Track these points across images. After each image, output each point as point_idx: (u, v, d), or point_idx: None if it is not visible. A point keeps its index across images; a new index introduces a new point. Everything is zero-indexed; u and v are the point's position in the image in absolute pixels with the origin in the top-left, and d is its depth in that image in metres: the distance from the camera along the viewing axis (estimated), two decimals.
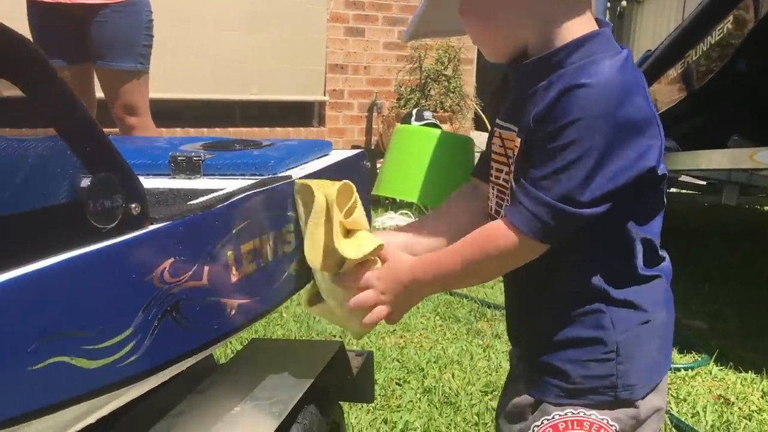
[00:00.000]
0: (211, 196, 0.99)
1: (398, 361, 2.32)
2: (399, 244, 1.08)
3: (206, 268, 0.91)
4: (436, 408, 1.99)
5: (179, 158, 1.20)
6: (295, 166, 1.27)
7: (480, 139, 3.43)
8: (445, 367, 2.26)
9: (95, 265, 0.74)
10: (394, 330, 2.62)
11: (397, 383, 2.16)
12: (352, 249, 1.02)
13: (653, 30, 7.63)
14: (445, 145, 4.48)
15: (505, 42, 0.98)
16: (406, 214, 4.36)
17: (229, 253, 0.96)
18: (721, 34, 3.02)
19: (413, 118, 5.22)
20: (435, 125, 5.23)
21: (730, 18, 2.90)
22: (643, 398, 0.99)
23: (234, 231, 0.98)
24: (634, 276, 0.98)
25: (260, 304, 1.05)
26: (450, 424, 1.90)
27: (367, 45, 6.21)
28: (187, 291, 0.87)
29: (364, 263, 1.04)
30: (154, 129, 3.37)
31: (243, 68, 5.71)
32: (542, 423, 1.00)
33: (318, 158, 1.39)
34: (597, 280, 0.97)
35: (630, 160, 0.87)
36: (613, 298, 0.97)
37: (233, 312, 0.97)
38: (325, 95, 6.14)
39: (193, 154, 1.21)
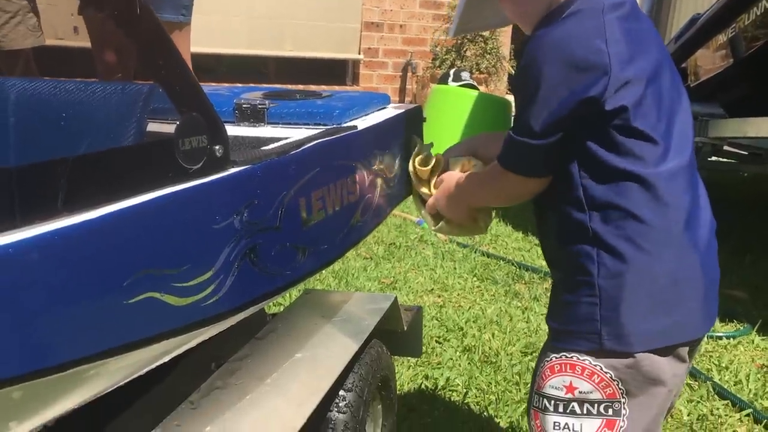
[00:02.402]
0: (284, 142, 0.99)
1: (437, 319, 2.33)
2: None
3: (281, 213, 0.91)
4: (477, 367, 2.01)
5: (244, 105, 1.20)
6: (357, 117, 1.26)
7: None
8: (485, 327, 2.27)
9: (183, 205, 0.75)
10: (432, 289, 2.63)
11: (437, 341, 2.17)
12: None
13: None
14: (483, 106, 4.45)
15: (531, 19, 1.05)
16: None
17: (302, 199, 0.97)
18: None
19: (450, 79, 5.16)
20: (473, 86, 5.17)
21: None
22: (643, 353, 0.96)
23: (306, 177, 0.98)
24: (623, 216, 0.96)
25: (328, 252, 1.06)
26: (491, 383, 1.91)
27: (404, 3, 6.12)
28: (263, 234, 0.87)
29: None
30: None
31: (278, 24, 5.68)
32: (543, 365, 1.02)
33: (378, 110, 1.38)
34: (583, 217, 0.97)
35: (570, 94, 0.93)
36: (599, 239, 0.96)
37: (304, 257, 0.98)
38: (359, 53, 6.09)
39: (258, 102, 1.20)
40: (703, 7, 3.96)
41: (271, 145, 0.97)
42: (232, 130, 1.18)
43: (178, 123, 0.75)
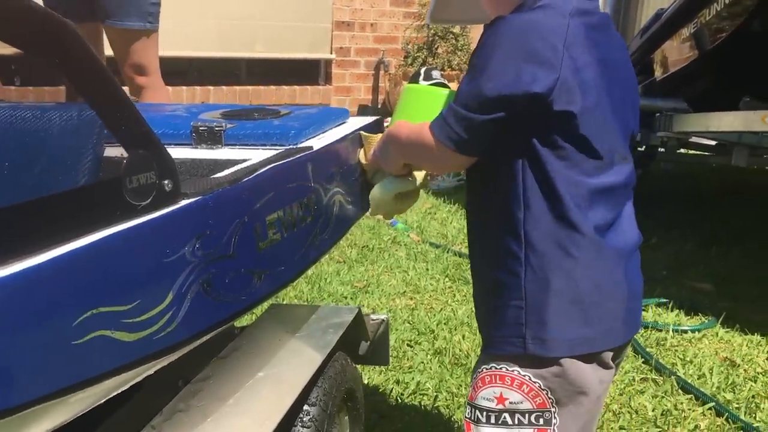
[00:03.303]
0: (237, 168, 1.00)
1: (409, 323, 2.36)
2: None
3: (234, 240, 0.93)
4: (447, 369, 2.04)
5: (201, 128, 1.21)
6: (315, 135, 1.28)
7: None
8: (455, 329, 2.30)
9: (132, 242, 0.76)
10: (405, 292, 2.65)
11: (408, 345, 2.20)
12: None
13: None
14: None
15: (504, 9, 1.04)
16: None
17: (256, 224, 0.98)
18: None
19: (421, 78, 5.19)
20: (443, 85, 5.19)
21: None
22: (568, 360, 0.98)
23: (260, 203, 1.00)
24: (556, 221, 0.98)
25: (285, 273, 1.08)
26: (461, 385, 1.95)
27: (374, 2, 6.13)
28: (217, 263, 0.89)
29: None
30: (164, 88, 3.36)
31: (248, 26, 5.66)
32: (475, 376, 1.04)
33: (336, 126, 1.40)
34: (517, 216, 0.99)
35: (516, 79, 0.94)
36: (529, 241, 0.98)
37: (260, 282, 0.99)
38: (331, 53, 6.09)
39: (214, 124, 1.22)
40: (668, 2, 4.01)
41: (224, 173, 0.99)
42: (189, 153, 1.20)
43: (124, 162, 0.76)
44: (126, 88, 3.23)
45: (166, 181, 0.82)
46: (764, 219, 3.75)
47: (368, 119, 1.53)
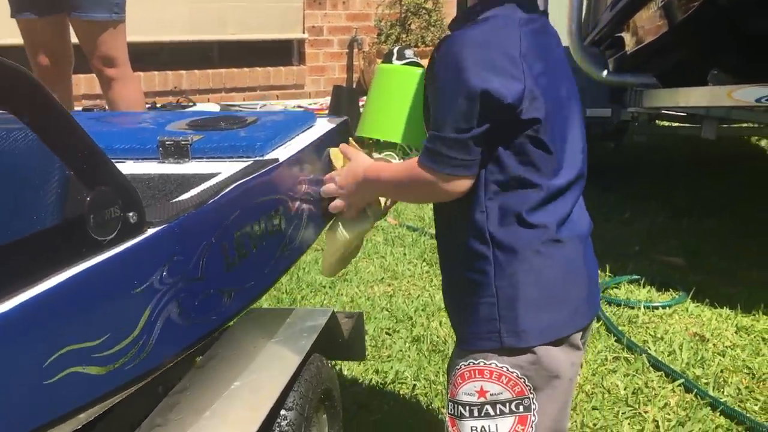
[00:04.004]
0: (202, 189, 1.02)
1: (387, 310, 2.40)
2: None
3: (202, 263, 0.95)
4: (425, 356, 2.08)
5: (167, 142, 1.22)
6: (282, 144, 1.30)
7: None
8: (433, 315, 2.34)
9: (99, 278, 0.78)
10: (383, 278, 2.69)
11: (387, 333, 2.24)
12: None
13: None
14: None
15: None
16: (391, 155, 4.39)
17: (224, 244, 1.00)
18: None
19: (394, 57, 5.18)
20: (416, 63, 5.19)
21: None
22: (541, 347, 1.04)
23: (226, 222, 1.02)
24: (519, 221, 1.03)
25: (255, 288, 1.10)
26: (438, 372, 1.99)
27: None
28: (185, 288, 0.91)
29: None
30: (133, 79, 3.34)
31: (219, 8, 5.60)
32: (454, 373, 1.09)
33: (303, 132, 1.41)
34: (482, 218, 1.04)
35: (487, 91, 0.97)
36: (496, 241, 1.03)
37: (230, 300, 1.02)
38: (304, 32, 6.05)
39: (180, 138, 1.23)
40: None
41: (189, 195, 1.00)
42: (156, 168, 1.21)
43: (88, 200, 0.77)
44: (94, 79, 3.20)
45: (130, 213, 0.83)
46: (733, 189, 3.82)
47: (336, 121, 1.54)
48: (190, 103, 5.07)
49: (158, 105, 4.99)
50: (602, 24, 4.13)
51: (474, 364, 1.06)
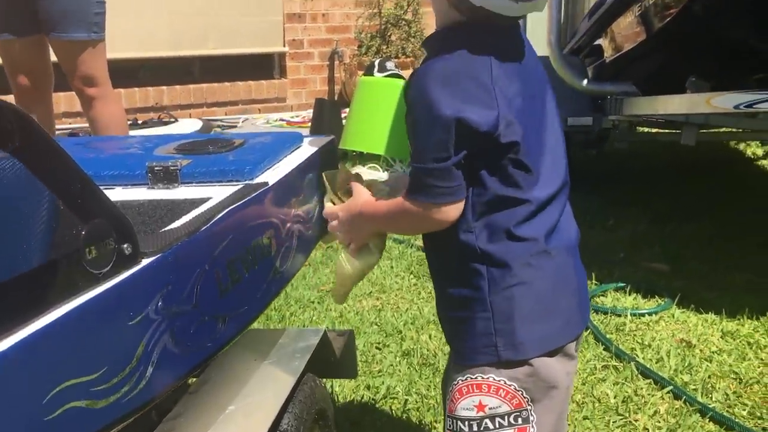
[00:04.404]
0: (194, 216, 1.02)
1: (376, 324, 2.40)
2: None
3: (197, 290, 0.95)
4: (416, 370, 2.09)
5: (156, 168, 1.22)
6: (270, 167, 1.30)
7: None
8: (422, 329, 2.35)
9: (95, 311, 0.78)
10: (371, 292, 2.69)
11: (377, 347, 2.24)
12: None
13: None
14: None
15: (438, 18, 1.10)
16: (374, 167, 4.39)
17: (217, 270, 1.01)
18: None
19: (376, 69, 5.20)
20: (398, 75, 5.22)
21: None
22: (538, 359, 1.06)
23: (219, 248, 1.02)
24: (508, 236, 1.05)
25: (248, 312, 1.10)
26: (430, 386, 2.00)
27: None
28: (180, 316, 0.91)
29: None
30: (115, 97, 3.32)
31: (199, 23, 5.59)
32: (451, 389, 1.10)
33: (291, 153, 1.42)
34: (471, 237, 1.05)
35: (461, 120, 0.98)
36: (487, 257, 1.04)
37: (224, 326, 1.02)
38: (284, 46, 6.06)
39: (169, 163, 1.23)
40: None
41: (181, 222, 1.00)
42: (145, 194, 1.21)
43: (83, 234, 0.78)
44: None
45: (125, 245, 0.84)
46: (712, 194, 3.88)
47: (323, 140, 1.55)
48: (172, 119, 5.06)
49: (140, 121, 4.97)
50: (581, 33, 4.18)
51: (471, 378, 1.07)
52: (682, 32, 3.20)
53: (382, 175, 1.33)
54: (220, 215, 1.03)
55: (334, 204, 1.27)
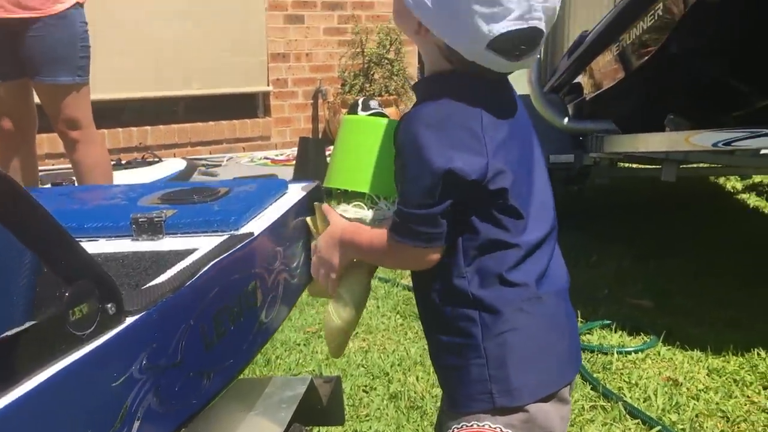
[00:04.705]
0: (179, 270, 1.02)
1: (363, 366, 2.38)
2: None
3: (181, 347, 0.94)
4: (404, 414, 2.07)
5: (141, 220, 1.22)
6: (255, 216, 1.30)
7: None
8: (409, 370, 2.34)
9: (78, 374, 0.77)
10: (357, 333, 2.68)
11: (363, 390, 2.22)
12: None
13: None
14: (393, 133, 4.53)
15: (426, 60, 1.11)
16: (359, 205, 4.40)
17: (202, 325, 1.00)
18: (653, 20, 3.12)
19: (359, 108, 5.24)
20: (381, 114, 5.26)
21: (661, 5, 3.00)
22: (534, 405, 1.05)
23: (204, 302, 1.01)
24: (500, 281, 1.05)
25: (234, 366, 1.09)
26: (417, 430, 1.98)
27: (308, 32, 6.17)
28: (165, 374, 0.90)
29: None
30: (98, 140, 3.32)
31: (183, 64, 5.63)
32: None
33: (276, 201, 1.42)
34: (463, 283, 1.05)
35: (451, 168, 0.98)
36: (480, 302, 1.04)
37: (209, 381, 1.01)
38: (268, 85, 6.10)
39: (154, 214, 1.23)
40: (591, 24, 4.16)
41: (166, 277, 1.00)
42: (130, 246, 1.21)
43: (66, 295, 0.77)
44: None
45: (109, 305, 0.83)
46: (694, 228, 3.92)
47: (307, 186, 1.56)
48: (156, 159, 5.05)
49: (123, 162, 4.96)
50: (560, 71, 4.25)
51: (467, 426, 1.06)
52: (659, 71, 3.27)
53: (367, 214, 1.34)
54: (206, 268, 1.03)
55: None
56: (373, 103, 5.23)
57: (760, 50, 2.69)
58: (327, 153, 4.78)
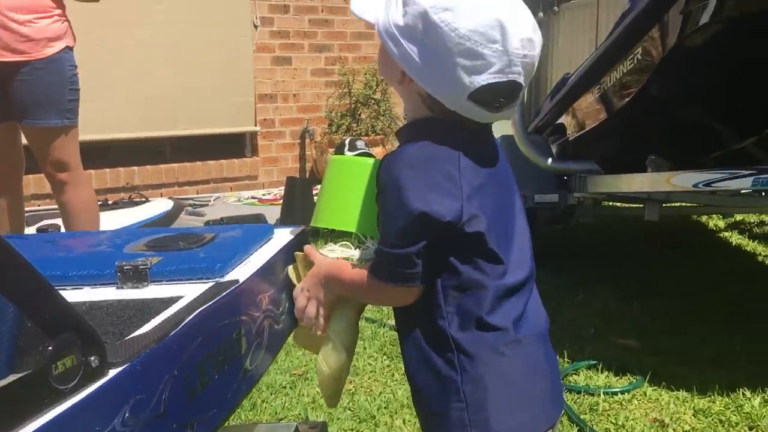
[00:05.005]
0: (163, 319, 1.02)
1: (350, 409, 2.37)
2: None
3: (165, 398, 0.94)
4: None
5: (126, 268, 1.22)
6: (241, 262, 1.31)
7: None
8: (396, 413, 2.32)
9: (59, 429, 0.77)
10: None
11: None
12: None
13: (570, 36, 7.92)
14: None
15: (408, 106, 1.15)
16: (346, 244, 4.41)
17: (186, 374, 1.00)
18: (633, 64, 3.19)
19: (346, 148, 5.29)
20: (368, 154, 5.30)
21: (640, 49, 3.07)
22: None
23: (188, 352, 1.01)
24: (478, 325, 1.06)
25: (218, 414, 1.09)
26: None
27: (295, 73, 6.24)
28: (148, 426, 0.90)
29: None
30: (85, 182, 3.33)
31: (171, 104, 5.67)
32: None
33: (262, 247, 1.43)
34: (444, 324, 1.07)
35: (427, 211, 1.01)
36: (459, 345, 1.06)
37: (193, 431, 1.00)
38: (256, 125, 6.14)
39: (139, 262, 1.23)
40: (573, 68, 4.24)
41: (150, 326, 1.00)
42: (114, 294, 1.21)
43: (49, 349, 0.77)
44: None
45: (92, 358, 0.83)
46: (678, 266, 3.95)
47: (293, 230, 1.57)
48: (142, 199, 5.06)
49: (110, 202, 4.96)
50: (544, 112, 4.32)
51: None
52: (640, 112, 3.33)
53: (353, 253, 1.36)
54: (190, 317, 1.03)
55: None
56: (360, 144, 5.28)
57: (738, 93, 2.76)
58: (314, 192, 4.81)
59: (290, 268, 1.33)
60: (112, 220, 4.01)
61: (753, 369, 2.54)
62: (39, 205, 4.94)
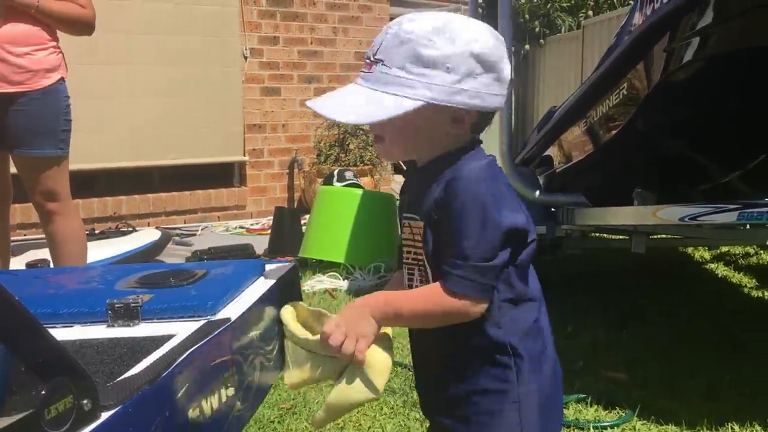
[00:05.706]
0: (154, 360, 1.02)
1: None
2: None
3: None
4: None
5: (117, 306, 1.22)
6: (232, 299, 1.31)
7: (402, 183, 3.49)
8: None
9: None
10: None
11: None
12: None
13: (556, 69, 8.05)
14: (368, 203, 4.57)
15: (405, 155, 1.20)
16: (335, 275, 4.40)
17: (177, 415, 0.99)
18: (619, 98, 3.24)
19: (335, 179, 5.30)
20: (357, 185, 5.32)
21: (626, 84, 3.12)
22: None
23: (180, 392, 1.01)
24: (527, 332, 1.15)
25: None
26: None
27: (284, 104, 6.28)
28: None
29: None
30: (74, 212, 3.31)
31: (160, 134, 5.68)
32: None
33: (253, 283, 1.43)
34: (498, 334, 1.13)
35: (506, 219, 1.09)
36: (515, 350, 1.13)
37: None
38: (244, 155, 6.16)
39: (130, 299, 1.23)
40: (559, 101, 4.31)
41: (142, 367, 1.00)
42: (106, 332, 1.20)
43: (42, 393, 0.77)
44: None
45: (84, 401, 0.83)
46: (664, 297, 3.97)
47: (284, 266, 1.57)
48: (129, 229, 5.03)
49: (97, 231, 4.93)
50: (531, 144, 4.37)
51: None
52: (626, 146, 3.37)
53: (342, 284, 1.34)
54: (182, 358, 1.03)
55: (300, 337, 1.19)
56: (349, 174, 5.30)
57: (721, 129, 2.81)
58: (303, 222, 4.81)
59: (285, 312, 1.27)
60: (99, 251, 3.99)
61: (741, 402, 2.55)
62: (25, 235, 4.90)
